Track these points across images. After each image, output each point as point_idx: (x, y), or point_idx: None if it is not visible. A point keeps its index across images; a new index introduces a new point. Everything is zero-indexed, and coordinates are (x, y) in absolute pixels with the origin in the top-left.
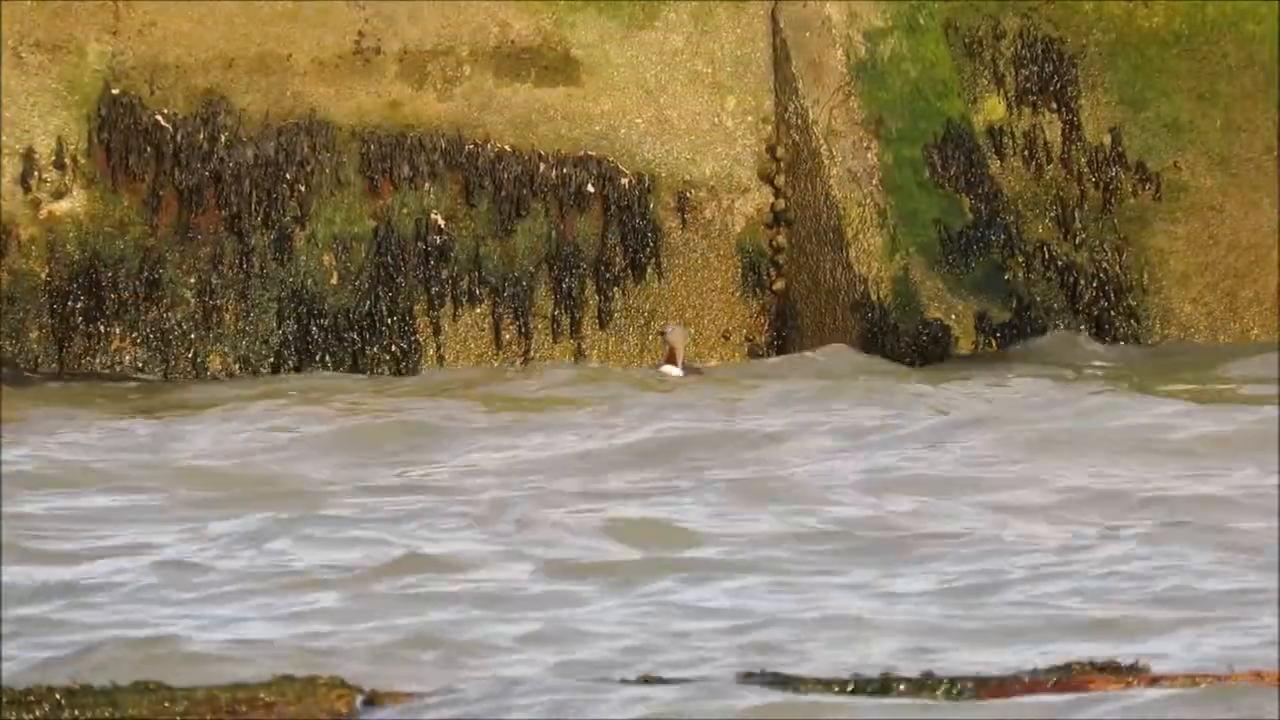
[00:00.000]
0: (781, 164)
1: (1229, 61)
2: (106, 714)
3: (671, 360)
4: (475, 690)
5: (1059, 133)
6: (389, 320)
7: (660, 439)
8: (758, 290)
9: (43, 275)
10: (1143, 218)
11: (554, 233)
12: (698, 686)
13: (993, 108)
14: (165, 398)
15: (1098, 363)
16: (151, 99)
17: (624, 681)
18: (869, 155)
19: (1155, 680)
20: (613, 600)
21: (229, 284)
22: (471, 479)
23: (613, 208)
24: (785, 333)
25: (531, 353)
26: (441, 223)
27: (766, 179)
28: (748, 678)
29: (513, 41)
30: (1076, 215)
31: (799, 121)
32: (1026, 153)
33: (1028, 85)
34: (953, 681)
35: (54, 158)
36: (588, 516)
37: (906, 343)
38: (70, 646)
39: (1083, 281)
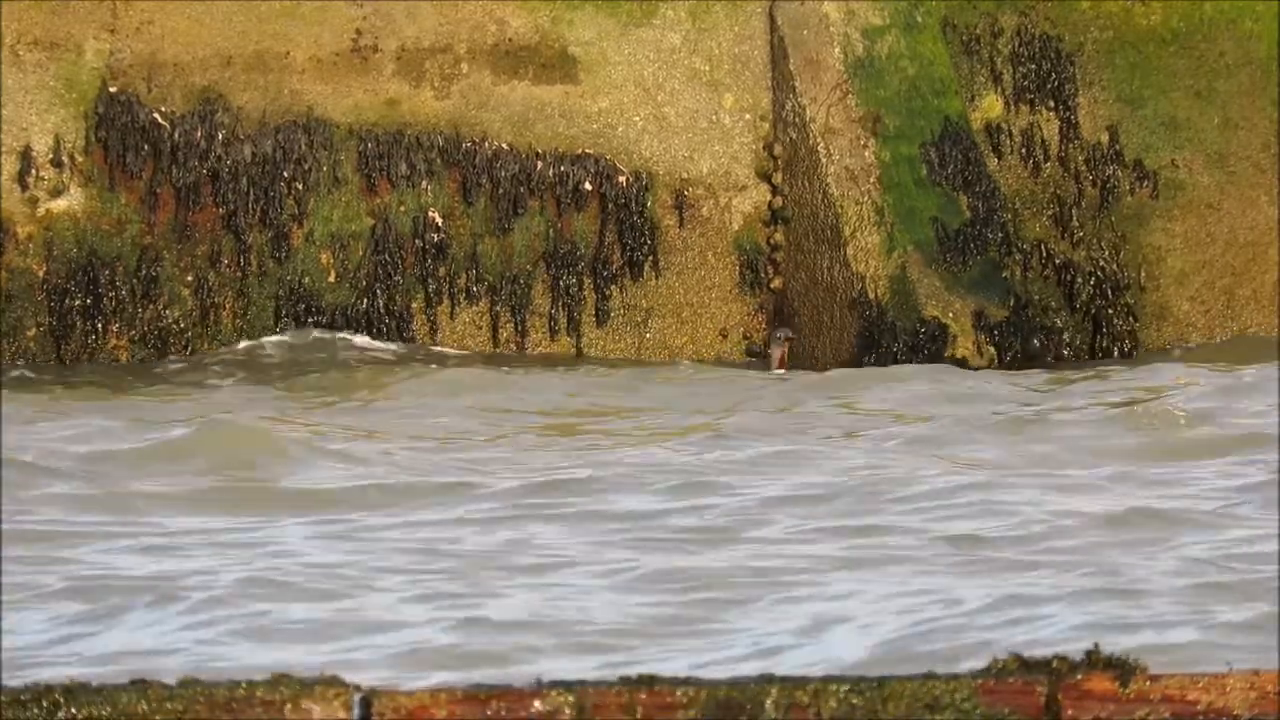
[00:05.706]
0: (779, 162)
1: (1226, 59)
2: (105, 713)
3: (781, 364)
4: None
5: (1056, 130)
6: (386, 318)
7: None
8: (755, 288)
9: (40, 273)
10: (1140, 216)
11: (551, 231)
12: None
13: (990, 105)
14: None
15: None
16: (149, 97)
17: None
18: (866, 153)
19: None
20: None
21: (226, 282)
22: None
23: (610, 206)
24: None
25: (528, 350)
26: (439, 221)
27: (764, 177)
28: None
29: (510, 39)
30: (1074, 213)
31: (796, 119)
32: (1024, 150)
33: (1025, 83)
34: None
35: (51, 156)
36: None
37: (904, 341)
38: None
39: (1080, 279)
